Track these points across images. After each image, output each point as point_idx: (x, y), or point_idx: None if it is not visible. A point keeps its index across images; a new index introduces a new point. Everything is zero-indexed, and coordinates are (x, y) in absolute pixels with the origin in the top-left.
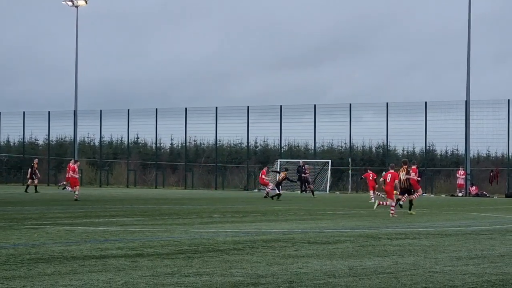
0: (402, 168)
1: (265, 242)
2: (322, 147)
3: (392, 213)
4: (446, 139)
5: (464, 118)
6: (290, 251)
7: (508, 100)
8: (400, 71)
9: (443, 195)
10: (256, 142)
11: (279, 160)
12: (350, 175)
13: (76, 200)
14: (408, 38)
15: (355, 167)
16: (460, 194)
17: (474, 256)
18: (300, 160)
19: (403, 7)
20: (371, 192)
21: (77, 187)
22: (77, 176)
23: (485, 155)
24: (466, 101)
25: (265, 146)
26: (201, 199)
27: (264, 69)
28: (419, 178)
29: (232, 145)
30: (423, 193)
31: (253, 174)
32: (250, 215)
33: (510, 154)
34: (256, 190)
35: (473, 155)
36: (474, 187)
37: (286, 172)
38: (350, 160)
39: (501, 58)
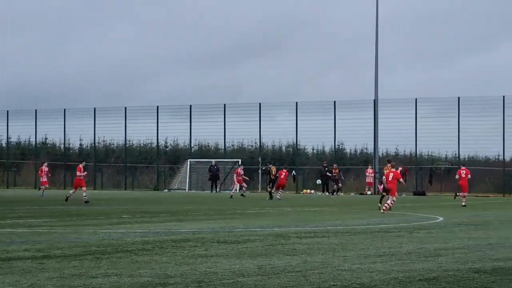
0: (386, 167)
1: (174, 242)
2: (232, 147)
3: (384, 210)
4: (355, 138)
5: (373, 117)
6: (199, 251)
7: (416, 99)
8: (313, 70)
9: (352, 194)
10: (166, 142)
11: (189, 160)
12: (260, 174)
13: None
14: (321, 38)
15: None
16: (369, 193)
17: (382, 254)
18: (213, 160)
19: (316, 7)
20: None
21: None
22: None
23: (393, 153)
24: (374, 100)
25: (175, 146)
26: (111, 199)
27: (179, 69)
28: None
29: (142, 145)
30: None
31: (163, 174)
32: (159, 215)
33: (418, 153)
34: (166, 190)
35: (382, 154)
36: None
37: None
38: (260, 159)
39: (410, 58)
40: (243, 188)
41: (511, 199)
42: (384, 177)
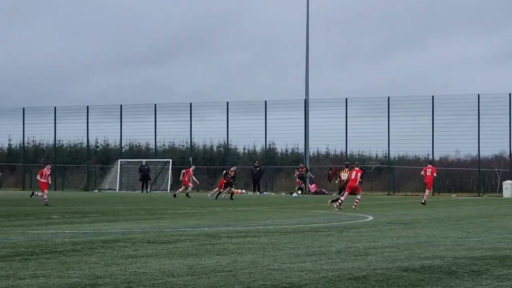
0: (344, 170)
1: (104, 243)
2: (163, 147)
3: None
4: (286, 137)
5: (304, 117)
6: (129, 251)
7: (346, 99)
8: (244, 69)
9: (283, 193)
10: (96, 142)
11: (119, 160)
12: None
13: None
14: (252, 37)
15: (196, 166)
16: (299, 192)
17: (312, 253)
18: (143, 160)
19: (246, 6)
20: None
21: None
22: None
23: (324, 153)
24: (305, 100)
25: (105, 146)
26: (40, 200)
27: (108, 68)
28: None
29: (72, 145)
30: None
31: (94, 174)
32: (89, 215)
33: (348, 152)
34: (97, 191)
35: (313, 153)
36: (313, 185)
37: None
38: (191, 159)
39: (341, 57)
40: (189, 189)
41: (440, 198)
42: (341, 175)
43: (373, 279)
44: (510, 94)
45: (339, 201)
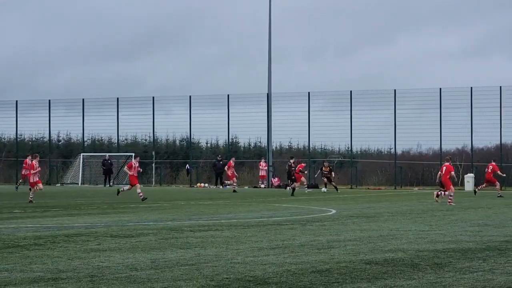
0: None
1: (66, 237)
2: (125, 141)
3: (449, 202)
4: (249, 131)
5: (266, 110)
6: (92, 245)
7: (309, 92)
8: (209, 64)
9: (246, 187)
10: (58, 136)
11: (82, 154)
12: (154, 168)
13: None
14: (218, 32)
15: (159, 160)
16: (262, 186)
17: (275, 246)
18: (106, 154)
19: (215, 1)
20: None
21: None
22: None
23: (287, 147)
24: (267, 94)
25: (68, 140)
26: (2, 194)
27: (75, 62)
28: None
29: (34, 139)
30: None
31: (56, 168)
32: (52, 209)
33: (311, 146)
34: (59, 185)
35: (275, 147)
36: (276, 179)
37: None
38: (153, 153)
39: (306, 52)
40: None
41: (402, 191)
42: (439, 172)
43: (336, 272)
44: (471, 88)
45: (440, 193)
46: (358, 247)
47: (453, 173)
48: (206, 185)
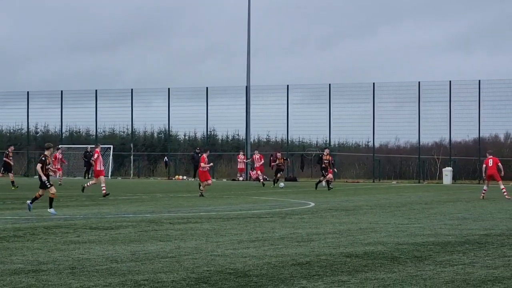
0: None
1: (46, 229)
2: (103, 133)
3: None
4: (227, 124)
5: (245, 103)
6: (71, 237)
7: (288, 85)
8: (192, 57)
9: (224, 180)
10: (36, 128)
11: (60, 145)
12: (132, 160)
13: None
14: (201, 25)
15: (137, 152)
16: (241, 179)
17: (255, 239)
18: (88, 146)
19: None
20: None
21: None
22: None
23: (265, 139)
24: (246, 87)
25: (45, 132)
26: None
27: (54, 54)
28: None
29: (11, 130)
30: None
31: (34, 160)
32: None
33: (289, 139)
34: (36, 177)
35: (254, 140)
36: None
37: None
38: (132, 145)
39: (286, 45)
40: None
41: (380, 185)
42: (484, 165)
43: (316, 265)
44: (450, 82)
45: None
46: (337, 240)
47: (500, 164)
48: (185, 177)
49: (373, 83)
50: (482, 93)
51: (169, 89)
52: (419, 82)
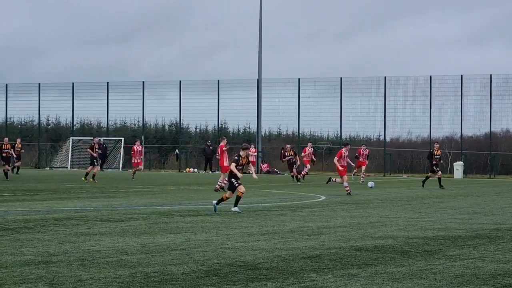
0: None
1: (56, 220)
2: (115, 125)
3: None
4: (238, 117)
5: (256, 96)
6: (82, 229)
7: (299, 79)
8: (205, 50)
9: None
10: (48, 120)
11: (71, 138)
12: (143, 153)
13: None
14: (215, 18)
15: (148, 145)
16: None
17: (265, 232)
18: (101, 138)
19: None
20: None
21: None
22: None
23: (276, 132)
24: (258, 80)
25: (57, 124)
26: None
27: (67, 46)
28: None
29: (23, 122)
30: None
31: (45, 152)
32: (41, 193)
33: (300, 132)
34: (48, 168)
35: (265, 133)
36: (265, 164)
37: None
38: (143, 138)
39: (305, 39)
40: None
41: (391, 179)
42: None
43: (327, 258)
44: (461, 76)
45: None
46: (348, 233)
47: None
48: (195, 170)
49: (385, 77)
50: (494, 88)
51: (180, 81)
52: (430, 76)
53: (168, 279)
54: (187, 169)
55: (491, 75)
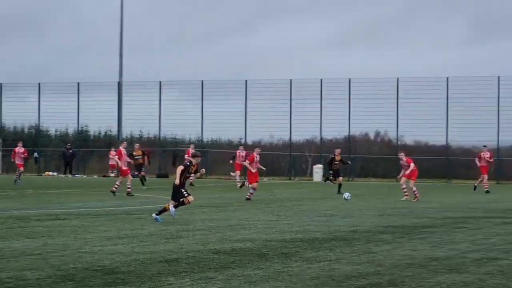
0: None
1: None
2: None
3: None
4: (99, 120)
5: (117, 99)
6: None
7: (160, 82)
8: (68, 52)
9: (95, 176)
10: None
11: None
12: (1, 156)
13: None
14: (78, 20)
15: (6, 148)
16: (112, 175)
17: (124, 236)
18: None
19: None
20: None
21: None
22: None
23: (138, 136)
24: (118, 83)
25: None
26: None
27: None
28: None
29: None
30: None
31: None
32: None
33: (162, 135)
34: None
35: (126, 136)
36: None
37: None
38: (1, 140)
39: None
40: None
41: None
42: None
43: (184, 261)
44: (321, 80)
45: None
46: (207, 236)
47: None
48: (55, 173)
49: (246, 80)
50: (353, 91)
51: (39, 84)
52: (291, 80)
53: (23, 284)
54: (46, 172)
55: (350, 79)
